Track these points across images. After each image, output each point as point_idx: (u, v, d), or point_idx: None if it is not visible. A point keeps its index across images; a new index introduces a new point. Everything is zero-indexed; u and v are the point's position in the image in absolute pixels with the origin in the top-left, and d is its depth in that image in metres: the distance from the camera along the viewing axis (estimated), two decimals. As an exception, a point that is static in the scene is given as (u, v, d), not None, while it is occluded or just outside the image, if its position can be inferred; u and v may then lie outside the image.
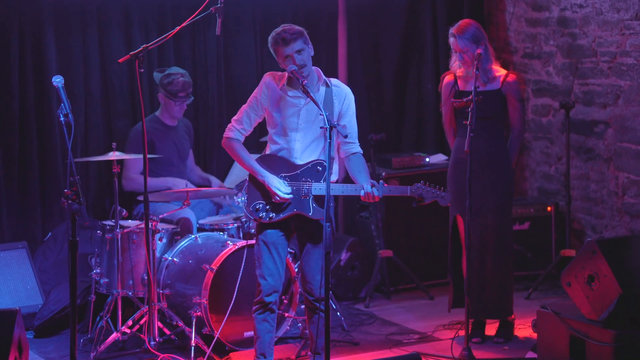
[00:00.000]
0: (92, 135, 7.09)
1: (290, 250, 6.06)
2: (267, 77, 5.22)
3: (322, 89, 5.18)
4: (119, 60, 5.72)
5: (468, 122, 5.66)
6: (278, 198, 5.09)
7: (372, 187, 5.07)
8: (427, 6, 8.14)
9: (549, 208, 7.64)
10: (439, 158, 7.74)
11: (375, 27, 8.12)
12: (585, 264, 5.36)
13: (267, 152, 5.26)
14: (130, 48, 6.80)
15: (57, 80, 4.81)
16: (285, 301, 6.07)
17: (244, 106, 5.25)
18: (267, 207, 5.14)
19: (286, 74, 5.16)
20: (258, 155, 5.28)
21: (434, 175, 7.22)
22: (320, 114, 4.85)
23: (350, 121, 5.23)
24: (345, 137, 4.94)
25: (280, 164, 5.17)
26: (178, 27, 5.62)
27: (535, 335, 5.80)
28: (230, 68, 7.48)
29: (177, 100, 6.72)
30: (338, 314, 6.53)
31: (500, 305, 6.20)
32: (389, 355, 5.76)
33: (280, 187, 5.09)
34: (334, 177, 5.18)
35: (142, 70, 5.51)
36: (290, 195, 5.11)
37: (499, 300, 6.19)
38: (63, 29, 6.93)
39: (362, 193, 5.09)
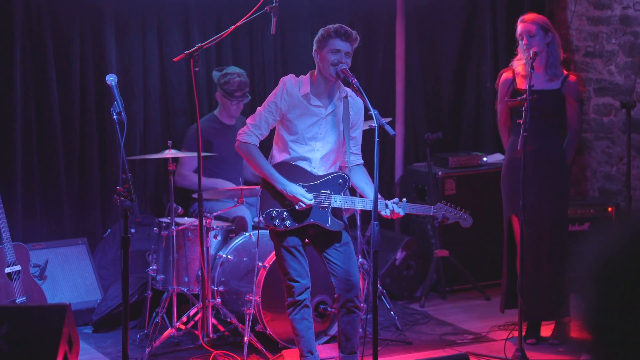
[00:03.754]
0: (151, 133, 7.18)
1: None
2: (287, 82, 5.11)
3: (341, 104, 5.14)
4: (174, 59, 5.79)
5: (522, 121, 5.60)
6: (303, 205, 5.01)
7: (394, 204, 5.00)
8: (486, 4, 8.07)
9: (609, 209, 7.52)
10: (497, 158, 7.67)
11: (434, 26, 8.08)
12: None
13: (280, 158, 5.17)
14: (188, 47, 6.85)
15: (111, 79, 4.88)
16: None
17: (260, 109, 5.14)
18: (283, 214, 5.08)
19: (307, 80, 5.10)
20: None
21: (491, 175, 7.17)
22: (370, 112, 4.83)
23: (360, 133, 5.22)
24: (394, 135, 4.92)
25: (299, 173, 5.10)
26: (232, 27, 5.67)
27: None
28: (286, 67, 7.50)
29: (233, 100, 6.77)
30: (392, 313, 6.51)
31: (555, 306, 6.12)
32: (440, 355, 5.73)
33: (306, 195, 5.02)
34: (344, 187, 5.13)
35: (197, 69, 5.56)
36: (312, 202, 5.06)
37: (554, 302, 6.11)
38: (123, 28, 7.03)
39: (386, 212, 4.99)
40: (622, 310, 1.29)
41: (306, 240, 5.25)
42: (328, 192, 5.08)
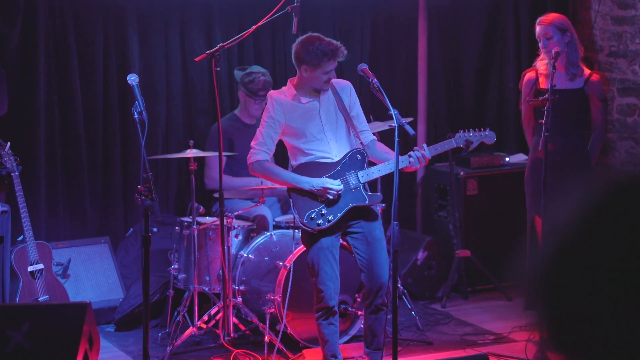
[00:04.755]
0: (173, 132, 7.21)
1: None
2: (273, 96, 5.18)
3: (329, 91, 5.16)
4: (195, 59, 5.81)
5: (544, 121, 5.58)
6: (334, 192, 5.02)
7: (418, 151, 5.01)
8: (509, 3, 8.03)
9: (633, 209, 7.45)
10: (520, 158, 7.63)
11: (456, 25, 8.05)
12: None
13: (298, 163, 5.18)
14: (210, 47, 6.88)
15: (132, 79, 4.91)
16: (359, 299, 6.07)
17: (259, 129, 5.18)
18: (322, 211, 5.07)
19: (289, 86, 5.14)
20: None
21: (514, 175, 7.14)
22: (389, 112, 4.83)
23: (359, 110, 5.23)
24: (414, 135, 4.91)
25: (318, 168, 5.11)
26: (254, 27, 5.69)
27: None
28: (308, 67, 7.50)
29: (257, 99, 6.78)
30: (413, 313, 6.50)
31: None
32: (460, 355, 5.72)
33: (333, 182, 5.04)
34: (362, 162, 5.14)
35: (218, 68, 5.58)
36: (342, 187, 5.06)
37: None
38: (146, 28, 7.06)
39: (409, 161, 5.00)
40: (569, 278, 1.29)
41: (341, 240, 5.24)
42: (352, 171, 5.10)
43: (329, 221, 5.07)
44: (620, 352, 1.21)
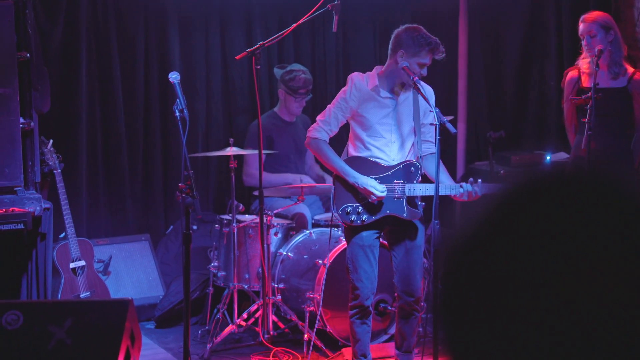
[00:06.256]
0: (213, 130, 7.24)
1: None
2: (355, 78, 5.06)
3: (410, 94, 5.10)
4: (236, 57, 5.82)
5: (586, 120, 5.52)
6: (375, 197, 4.94)
7: (472, 185, 4.97)
8: (551, 1, 7.97)
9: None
10: (561, 156, 7.56)
11: (497, 23, 8.01)
12: None
13: (356, 154, 5.09)
14: (250, 45, 6.89)
15: (174, 77, 4.92)
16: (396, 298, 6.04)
17: (329, 106, 5.09)
18: (359, 209, 5.00)
19: (374, 74, 5.05)
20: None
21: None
22: (430, 110, 4.80)
23: (431, 120, 5.16)
24: (455, 133, 4.88)
25: (370, 166, 5.03)
26: (293, 26, 5.68)
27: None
28: (348, 65, 7.50)
29: (297, 97, 6.78)
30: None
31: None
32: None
33: (377, 186, 4.96)
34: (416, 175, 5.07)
35: (258, 67, 5.57)
36: (385, 194, 4.99)
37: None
38: (186, 27, 7.10)
39: (460, 191, 4.96)
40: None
41: (381, 240, 5.21)
42: (401, 181, 5.02)
43: (362, 221, 5.00)
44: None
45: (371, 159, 5.04)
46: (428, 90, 5.09)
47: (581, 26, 5.95)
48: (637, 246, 1.15)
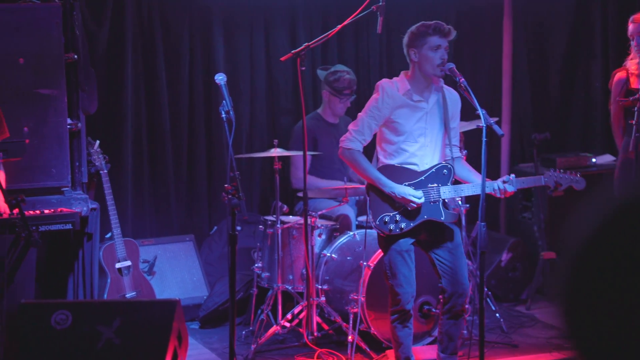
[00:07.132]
0: (257, 131, 7.26)
1: None
2: (385, 85, 5.03)
3: (439, 96, 5.08)
4: (281, 59, 5.82)
5: (634, 122, 5.47)
6: (414, 205, 4.92)
7: (504, 183, 4.94)
8: (597, 1, 7.90)
9: None
10: (607, 159, 7.50)
11: (542, 23, 7.96)
12: None
13: (387, 161, 5.08)
14: (294, 46, 6.90)
15: (220, 78, 4.94)
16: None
17: (361, 115, 5.07)
18: (396, 218, 4.99)
19: (402, 78, 5.03)
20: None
21: (601, 176, 7.01)
22: (477, 112, 4.78)
23: (458, 124, 5.14)
24: (502, 135, 4.85)
25: (401, 173, 5.02)
26: (338, 27, 5.67)
27: None
28: (392, 67, 7.48)
29: (342, 98, 6.78)
30: (497, 315, 6.43)
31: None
32: (547, 359, 5.64)
33: (415, 194, 4.94)
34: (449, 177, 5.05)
35: (303, 68, 5.57)
36: (423, 200, 4.97)
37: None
38: (231, 28, 7.12)
39: (493, 188, 4.93)
40: (593, 291, 1.28)
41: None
42: (435, 185, 5.01)
43: (401, 229, 4.99)
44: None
45: (403, 165, 5.03)
46: (454, 96, 5.08)
47: (631, 26, 5.88)
48: None
